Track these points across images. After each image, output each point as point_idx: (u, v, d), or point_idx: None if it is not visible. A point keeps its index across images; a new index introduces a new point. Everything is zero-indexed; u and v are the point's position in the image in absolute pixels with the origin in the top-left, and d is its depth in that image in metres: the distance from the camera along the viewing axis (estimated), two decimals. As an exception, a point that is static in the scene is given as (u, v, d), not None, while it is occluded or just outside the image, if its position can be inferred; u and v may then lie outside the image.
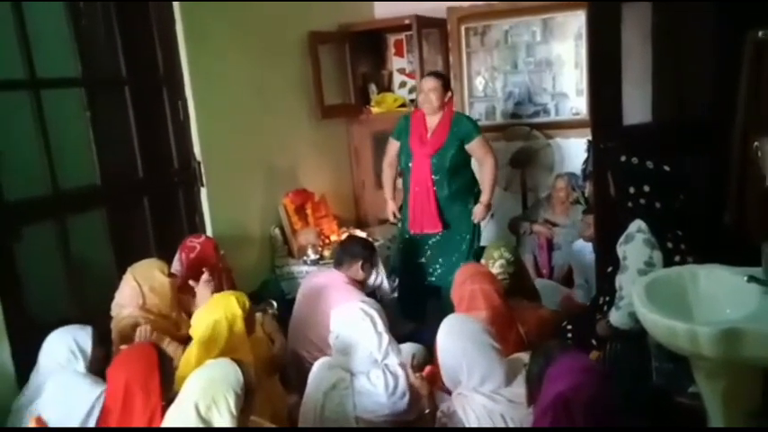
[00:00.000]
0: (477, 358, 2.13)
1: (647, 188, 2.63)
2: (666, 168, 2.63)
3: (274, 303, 3.24)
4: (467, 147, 3.70)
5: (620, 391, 1.82)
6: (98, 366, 2.37)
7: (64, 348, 2.37)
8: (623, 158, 2.72)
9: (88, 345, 2.39)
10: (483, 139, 3.73)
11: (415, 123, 3.80)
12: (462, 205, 3.77)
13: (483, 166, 3.74)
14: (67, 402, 2.21)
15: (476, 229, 3.82)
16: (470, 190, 3.81)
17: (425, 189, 3.72)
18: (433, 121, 3.75)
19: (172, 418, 1.84)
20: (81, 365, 2.36)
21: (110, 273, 3.10)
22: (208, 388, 1.84)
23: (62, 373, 2.32)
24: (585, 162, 4.41)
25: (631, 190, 2.66)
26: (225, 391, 1.83)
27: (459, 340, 2.19)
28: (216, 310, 2.47)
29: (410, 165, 3.79)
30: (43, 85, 2.88)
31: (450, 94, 3.80)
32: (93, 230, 3.21)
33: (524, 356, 2.26)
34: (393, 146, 3.94)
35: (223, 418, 1.80)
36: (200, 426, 1.78)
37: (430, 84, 3.72)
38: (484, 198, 3.73)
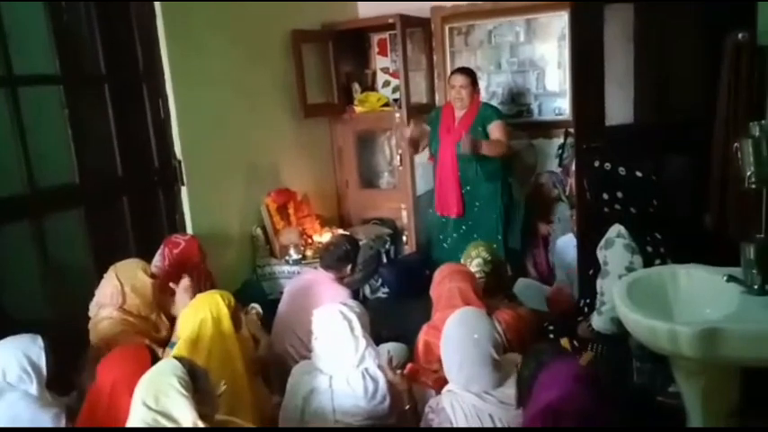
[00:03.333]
0: (470, 361, 2.10)
1: (620, 194, 2.65)
2: (639, 174, 2.66)
3: (258, 307, 3.21)
4: (487, 129, 3.92)
5: (609, 398, 1.81)
6: (51, 377, 2.27)
7: (15, 366, 2.20)
8: (596, 164, 2.74)
9: (42, 361, 2.23)
10: (502, 123, 3.97)
11: (445, 114, 4.08)
12: (491, 187, 4.02)
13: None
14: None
15: (507, 209, 4.07)
16: (498, 174, 4.02)
17: (450, 174, 4.00)
18: (462, 111, 4.01)
19: (131, 425, 1.81)
20: (33, 386, 2.21)
21: (88, 272, 3.06)
22: (149, 385, 1.82)
23: (10, 395, 2.18)
24: (561, 147, 4.44)
25: (605, 196, 2.69)
26: (165, 379, 1.80)
27: (462, 336, 2.16)
28: (201, 308, 2.46)
29: (438, 152, 4.07)
30: (21, 82, 2.85)
31: (477, 88, 4.06)
32: (71, 230, 3.17)
33: (516, 357, 2.24)
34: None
35: (176, 401, 1.77)
36: (159, 419, 1.75)
37: (460, 81, 3.96)
38: (482, 143, 3.79)
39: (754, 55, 2.81)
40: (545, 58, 4.86)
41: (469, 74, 4.01)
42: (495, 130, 3.92)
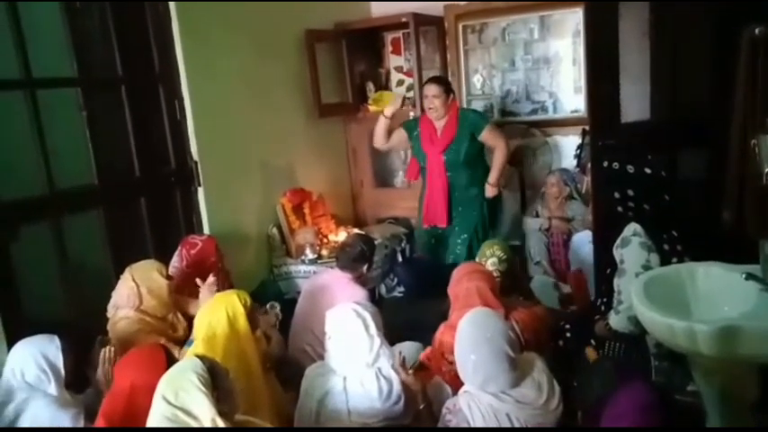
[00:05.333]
0: (485, 361, 2.08)
1: (631, 192, 2.64)
2: (648, 171, 2.64)
3: (277, 305, 3.23)
4: (479, 138, 3.87)
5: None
6: (69, 377, 2.31)
7: (33, 366, 2.25)
8: (605, 164, 2.73)
9: (59, 361, 2.28)
10: (492, 126, 3.93)
11: (424, 126, 3.98)
12: (477, 190, 3.97)
13: (495, 151, 3.91)
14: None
15: (488, 207, 4.00)
16: (485, 177, 3.98)
17: (440, 186, 3.93)
18: (440, 121, 3.91)
19: (150, 422, 1.84)
20: (52, 386, 2.25)
21: (106, 273, 3.10)
22: (169, 381, 1.86)
23: (30, 395, 2.22)
24: (579, 147, 4.42)
25: (617, 195, 2.67)
26: (186, 376, 1.84)
27: (476, 336, 2.14)
28: (217, 308, 2.48)
29: (425, 165, 3.99)
30: (39, 84, 2.88)
31: (452, 96, 3.94)
32: (90, 230, 3.21)
33: (534, 357, 2.24)
34: (398, 132, 4.08)
35: (195, 397, 1.79)
36: (179, 414, 1.78)
37: (433, 90, 3.86)
38: (491, 178, 3.93)
39: (772, 49, 2.77)
40: (559, 55, 4.84)
41: (442, 83, 3.93)
42: (489, 137, 3.86)
